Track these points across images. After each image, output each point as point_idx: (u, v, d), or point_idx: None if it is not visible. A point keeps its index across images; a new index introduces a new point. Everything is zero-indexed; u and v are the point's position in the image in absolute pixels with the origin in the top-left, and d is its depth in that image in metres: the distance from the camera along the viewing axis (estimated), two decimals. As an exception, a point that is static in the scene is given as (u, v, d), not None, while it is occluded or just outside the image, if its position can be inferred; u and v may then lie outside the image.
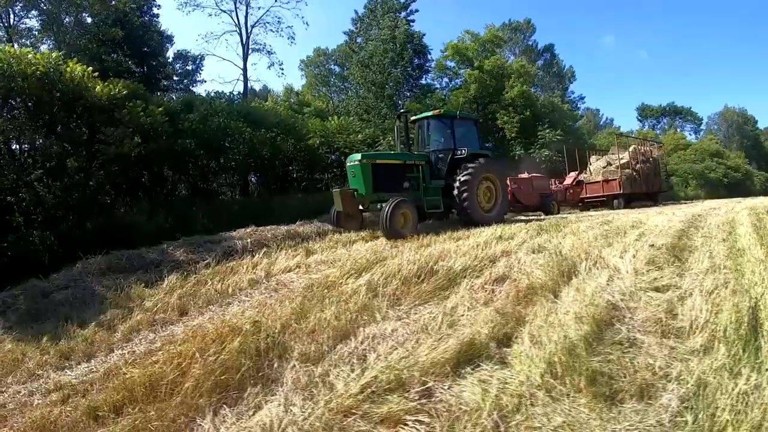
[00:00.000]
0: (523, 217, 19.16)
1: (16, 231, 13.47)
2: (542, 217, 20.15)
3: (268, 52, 41.73)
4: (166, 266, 10.44)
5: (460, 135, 15.33)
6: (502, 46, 49.55)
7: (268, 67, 67.70)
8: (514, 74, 39.07)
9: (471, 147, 15.12)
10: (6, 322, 8.48)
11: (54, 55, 15.08)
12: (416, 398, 3.99)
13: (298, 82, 71.23)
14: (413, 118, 16.36)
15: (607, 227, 11.80)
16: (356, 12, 47.20)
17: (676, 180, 48.85)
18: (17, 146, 14.99)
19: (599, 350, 4.57)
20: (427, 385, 4.15)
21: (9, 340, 7.60)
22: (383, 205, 12.53)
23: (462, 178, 14.08)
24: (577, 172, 28.71)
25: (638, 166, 28.88)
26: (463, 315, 5.86)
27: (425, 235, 11.49)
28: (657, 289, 6.22)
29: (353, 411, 3.88)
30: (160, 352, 5.61)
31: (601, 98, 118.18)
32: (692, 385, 3.84)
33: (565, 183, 27.56)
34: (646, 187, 29.21)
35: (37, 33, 28.22)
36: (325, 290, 7.36)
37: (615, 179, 27.56)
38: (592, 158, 31.37)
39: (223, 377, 4.61)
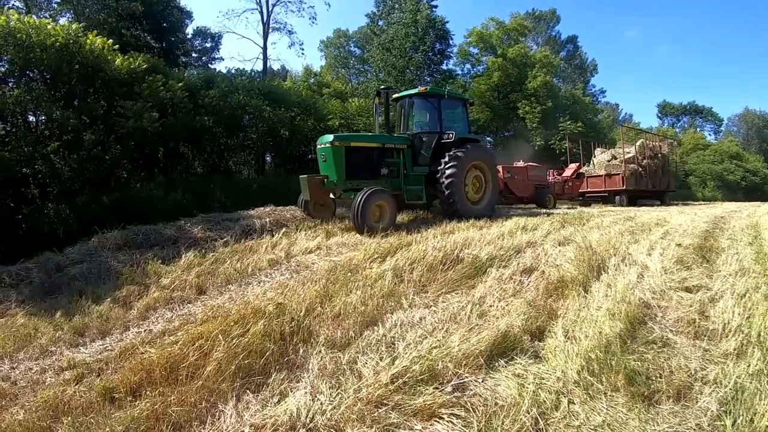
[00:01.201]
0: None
1: (32, 203, 13.40)
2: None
3: (289, 31, 42.00)
4: (184, 243, 10.27)
5: (447, 117, 13.87)
6: (526, 35, 49.03)
7: (289, 46, 67.91)
8: (538, 64, 38.71)
9: (460, 130, 13.68)
10: (19, 296, 8.32)
11: (74, 26, 14.97)
12: (450, 391, 3.84)
13: (317, 62, 71.07)
14: (395, 96, 14.69)
15: (631, 223, 11.79)
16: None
17: (694, 180, 48.27)
18: (33, 118, 14.89)
19: (634, 348, 4.52)
20: (461, 378, 4.00)
21: (21, 314, 7.42)
22: (357, 194, 11.15)
23: (448, 166, 12.51)
24: (577, 164, 26.67)
25: (645, 162, 27.19)
26: (492, 306, 5.74)
27: (447, 222, 11.29)
28: (687, 290, 6.20)
29: (384, 401, 3.73)
30: (180, 333, 5.44)
31: (621, 93, 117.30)
32: (730, 389, 3.80)
33: (564, 175, 25.40)
34: (653, 185, 27.57)
35: (56, 5, 28.19)
36: (349, 274, 7.18)
37: (618, 174, 25.98)
38: (597, 150, 29.67)
39: (246, 361, 4.44)
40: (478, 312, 5.48)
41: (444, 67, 40.42)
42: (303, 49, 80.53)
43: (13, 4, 26.32)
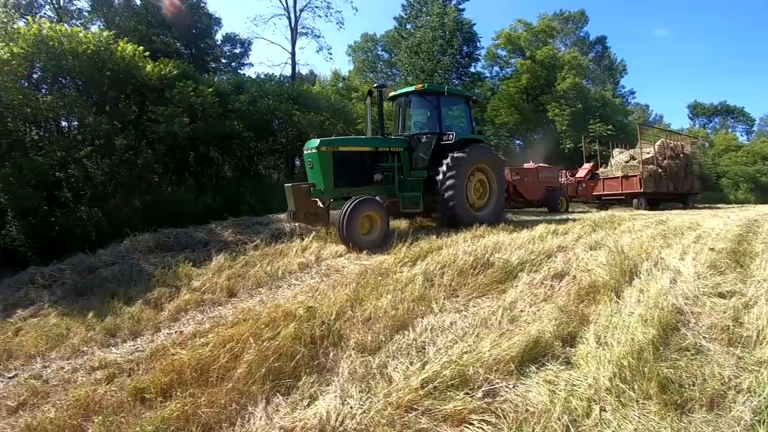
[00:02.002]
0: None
1: (65, 206, 13.63)
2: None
3: (317, 36, 41.85)
4: (214, 246, 10.41)
5: (448, 116, 13.01)
6: (555, 36, 48.69)
7: (317, 51, 68.16)
8: (567, 65, 38.39)
9: (461, 130, 12.82)
10: (52, 296, 8.52)
11: (105, 34, 15.22)
12: (481, 396, 3.82)
13: (345, 67, 71.35)
14: (392, 94, 13.87)
15: (663, 227, 11.67)
16: (407, -2, 46.76)
17: (726, 182, 47.22)
18: (66, 123, 15.17)
19: (666, 355, 4.45)
20: (491, 384, 3.97)
21: (54, 314, 7.60)
22: (344, 204, 10.32)
23: (447, 170, 11.54)
24: (592, 164, 25.13)
25: (665, 162, 25.56)
26: (523, 311, 5.70)
27: (477, 227, 11.04)
28: (721, 295, 6.06)
29: (414, 406, 3.72)
30: (210, 335, 5.49)
31: (651, 94, 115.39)
32: (764, 398, 3.72)
33: (577, 176, 23.90)
34: (674, 187, 25.86)
35: (86, 14, 28.76)
36: (379, 277, 7.19)
37: (635, 176, 24.25)
38: (615, 151, 28.06)
39: (276, 364, 4.47)
40: (509, 317, 5.45)
41: (472, 69, 40.39)
42: (331, 54, 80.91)
43: (45, 14, 26.94)
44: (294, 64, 37.74)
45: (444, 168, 11.55)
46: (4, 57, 12.41)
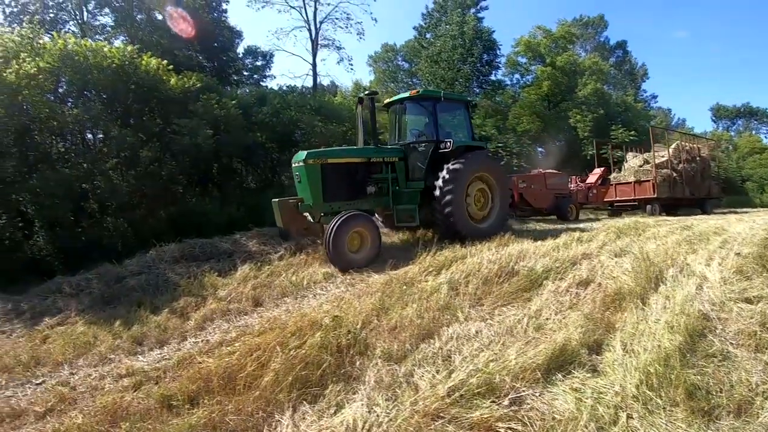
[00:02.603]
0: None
1: (91, 217, 13.85)
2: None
3: (337, 47, 42.30)
4: (239, 256, 10.50)
5: (445, 122, 12.35)
6: (575, 42, 48.50)
7: (338, 62, 68.74)
8: (587, 71, 38.22)
9: (461, 137, 12.41)
10: (79, 305, 8.67)
11: (129, 48, 15.50)
12: (507, 404, 3.80)
13: (366, 77, 71.66)
14: (387, 101, 13.22)
15: (688, 233, 11.57)
16: (426, 7, 47.00)
17: (751, 186, 46.38)
18: (91, 136, 15.41)
19: (693, 362, 4.42)
20: (518, 391, 3.96)
21: (81, 322, 7.74)
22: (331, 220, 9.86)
23: (444, 180, 10.92)
24: (602, 169, 24.45)
25: (681, 166, 24.26)
26: (549, 319, 5.69)
27: (501, 235, 11.00)
28: (748, 300, 6.00)
29: (441, 414, 3.71)
30: (237, 343, 5.54)
31: (673, 97, 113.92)
32: None
33: (587, 182, 23.24)
34: (691, 192, 24.55)
35: (110, 29, 29.29)
36: (404, 287, 7.21)
37: (648, 180, 23.15)
38: (629, 155, 26.68)
39: (303, 372, 4.48)
40: (535, 325, 5.44)
41: (493, 77, 40.40)
42: (352, 64, 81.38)
43: (69, 29, 27.46)
44: (315, 75, 38.14)
45: (441, 179, 11.00)
46: (31, 71, 12.65)
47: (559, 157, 32.36)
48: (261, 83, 34.91)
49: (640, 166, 24.43)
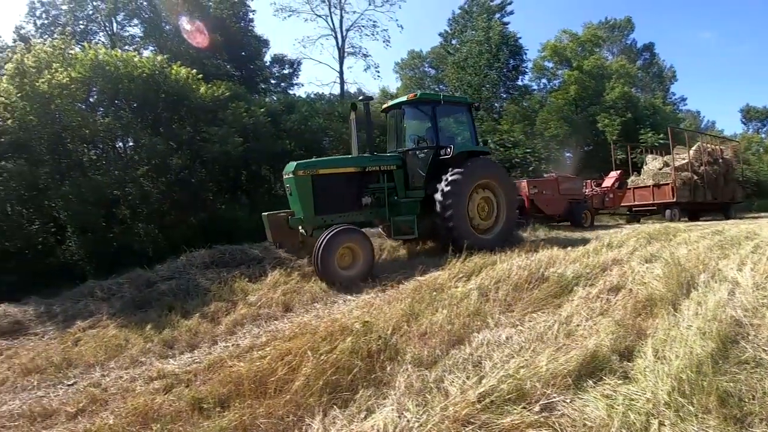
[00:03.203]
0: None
1: (123, 223, 14.11)
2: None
3: (364, 55, 42.59)
4: (269, 262, 10.57)
5: (448, 127, 11.98)
6: (601, 45, 48.12)
7: (365, 69, 69.20)
8: (615, 74, 37.88)
9: (464, 142, 11.87)
10: (110, 309, 8.83)
11: (159, 58, 15.86)
12: (538, 411, 3.75)
13: (393, 84, 71.90)
14: (384, 106, 12.74)
15: (719, 237, 11.44)
16: (452, 13, 47.04)
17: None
18: (122, 144, 15.71)
19: (726, 369, 4.31)
20: (549, 398, 3.91)
21: (113, 325, 7.86)
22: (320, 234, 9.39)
23: (444, 189, 10.39)
24: (619, 172, 22.88)
25: (702, 168, 23.16)
26: (579, 325, 5.61)
27: (530, 241, 10.93)
28: None
29: (471, 420, 3.66)
30: (268, 348, 5.57)
31: (702, 100, 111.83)
32: None
33: (603, 185, 21.69)
34: (713, 196, 23.46)
35: (139, 40, 29.84)
36: (434, 293, 7.20)
37: (667, 184, 22.18)
38: (648, 157, 25.86)
39: (334, 377, 4.50)
40: (565, 331, 5.38)
41: (520, 82, 40.29)
42: (378, 72, 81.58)
43: (99, 40, 28.03)
44: (342, 82, 38.53)
45: (440, 191, 10.44)
46: (63, 81, 12.95)
47: (587, 162, 32.06)
48: (288, 91, 35.32)
49: (660, 169, 23.63)
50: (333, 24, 38.70)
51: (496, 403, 3.83)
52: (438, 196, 10.42)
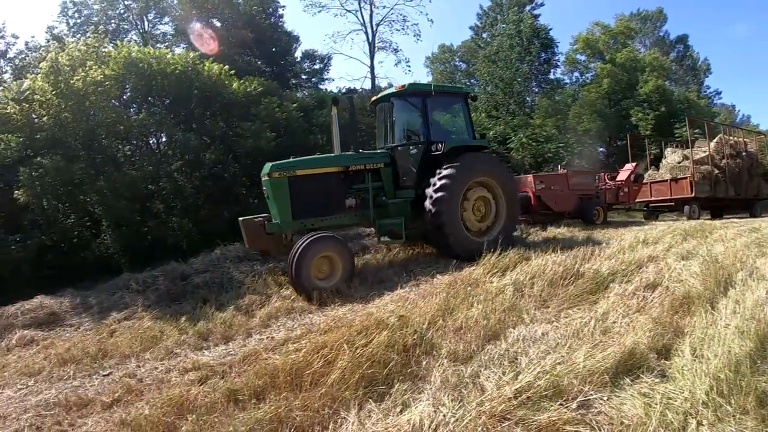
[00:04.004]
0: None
1: (157, 217, 14.31)
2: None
3: (395, 49, 42.55)
4: (303, 256, 10.55)
5: (440, 120, 11.06)
6: (634, 37, 47.34)
7: (395, 64, 68.90)
8: (648, 67, 37.22)
9: (458, 136, 10.98)
10: (145, 301, 8.97)
11: (191, 55, 16.00)
12: (575, 408, 3.73)
13: (424, 78, 71.65)
14: (374, 99, 11.82)
15: (756, 235, 11.21)
16: (481, 7, 46.71)
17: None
18: (155, 140, 15.97)
19: (764, 369, 4.23)
20: (585, 395, 3.89)
21: (148, 317, 8.00)
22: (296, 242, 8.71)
23: (435, 188, 9.53)
24: (635, 164, 20.62)
25: (723, 162, 21.14)
26: (615, 322, 5.57)
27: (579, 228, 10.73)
28: None
29: (508, 416, 3.66)
30: (303, 341, 5.59)
31: (737, 93, 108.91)
32: None
33: (618, 179, 19.57)
34: (735, 191, 21.44)
35: (170, 37, 30.19)
36: (469, 288, 7.18)
37: (685, 178, 20.33)
38: (668, 150, 23.88)
39: (369, 371, 4.52)
40: (602, 328, 5.35)
41: (551, 76, 39.89)
42: (409, 66, 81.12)
43: (131, 38, 28.49)
44: (373, 77, 38.53)
45: (432, 186, 9.60)
46: (97, 78, 13.15)
47: (620, 157, 31.52)
48: (319, 86, 35.40)
49: (679, 162, 21.76)
50: (363, 19, 38.76)
51: (532, 399, 3.82)
52: (429, 191, 9.60)
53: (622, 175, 19.64)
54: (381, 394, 4.29)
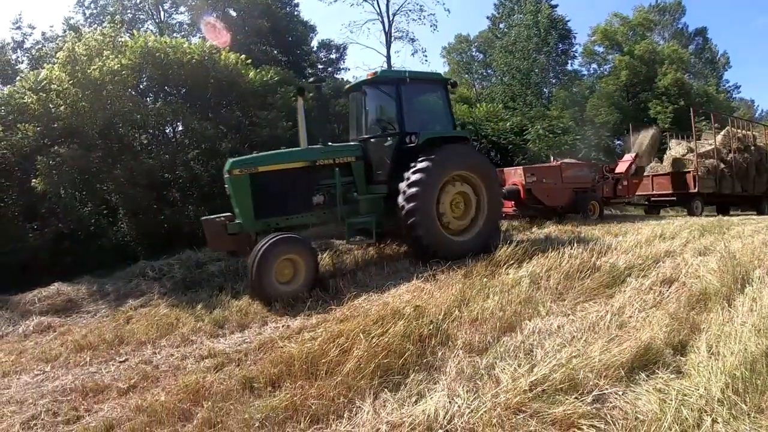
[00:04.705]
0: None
1: (173, 205, 14.40)
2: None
3: (411, 39, 42.19)
4: (319, 245, 10.49)
5: (414, 109, 9.84)
6: (652, 29, 46.86)
7: (412, 54, 68.61)
8: (667, 60, 36.84)
9: (437, 126, 10.13)
10: (161, 288, 9.12)
11: (208, 44, 16.04)
12: (590, 402, 3.73)
13: (440, 69, 71.43)
14: (347, 87, 11.30)
15: (774, 231, 10.92)
16: (499, -3, 46.28)
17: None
18: (171, 129, 16.05)
19: (780, 368, 4.16)
20: (601, 389, 3.89)
21: (164, 305, 8.10)
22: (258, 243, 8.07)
23: (408, 183, 8.75)
24: (634, 155, 18.79)
25: (730, 156, 19.89)
26: (632, 317, 5.55)
27: (576, 223, 10.65)
28: None
29: (522, 408, 3.67)
30: (319, 329, 5.63)
31: (757, 87, 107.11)
32: None
33: (616, 171, 17.98)
34: (742, 187, 20.21)
35: (186, 27, 30.31)
36: (485, 279, 7.16)
37: (689, 172, 19.06)
38: (672, 142, 22.60)
39: (385, 360, 4.53)
40: (618, 322, 5.32)
41: (569, 67, 39.64)
42: (426, 56, 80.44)
43: (147, 28, 28.59)
44: (390, 67, 38.27)
45: (404, 183, 8.83)
46: (114, 67, 13.20)
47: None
48: (336, 76, 35.35)
49: (683, 155, 20.52)
50: (379, 8, 38.49)
51: (547, 392, 3.83)
52: (403, 186, 8.83)
53: (621, 167, 18.25)
54: (396, 384, 4.31)
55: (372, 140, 9.93)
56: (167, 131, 16.04)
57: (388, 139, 9.66)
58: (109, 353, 6.24)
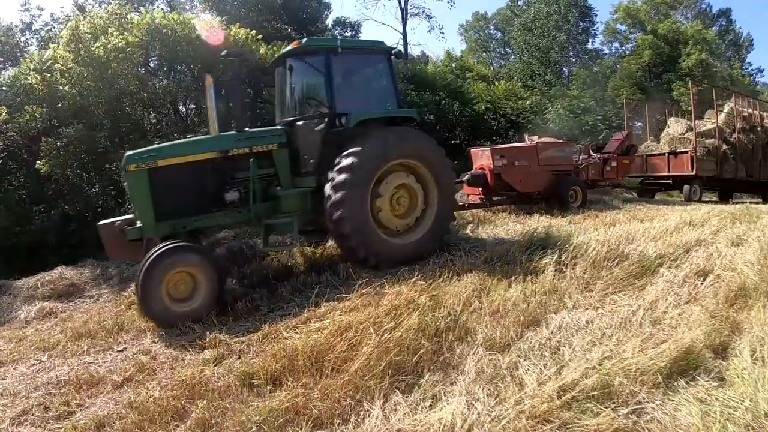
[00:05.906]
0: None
1: (183, 187, 14.16)
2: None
3: (428, 16, 41.52)
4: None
5: (348, 85, 8.44)
6: (676, 8, 45.93)
7: (428, 31, 68.07)
8: (691, 40, 36.01)
9: (377, 105, 8.63)
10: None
11: (217, 20, 15.62)
12: (626, 413, 3.37)
13: (457, 47, 70.64)
14: (272, 60, 9.83)
15: (811, 219, 10.32)
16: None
17: None
18: (182, 107, 15.86)
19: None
20: (637, 398, 3.51)
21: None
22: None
23: (336, 175, 7.24)
24: (626, 133, 16.88)
25: (734, 137, 17.79)
26: (666, 312, 5.08)
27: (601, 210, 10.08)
28: None
29: (550, 419, 3.33)
30: (327, 320, 5.27)
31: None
32: None
33: (605, 151, 15.71)
34: (747, 172, 18.13)
35: (198, 3, 29.93)
36: (506, 266, 6.72)
37: (686, 152, 16.88)
38: (671, 119, 19.91)
39: (397, 358, 4.23)
40: (651, 319, 4.89)
41: (590, 46, 39.08)
42: (443, 33, 79.41)
43: (158, 5, 28.27)
44: (406, 44, 37.87)
45: (332, 175, 7.32)
46: (119, 45, 12.93)
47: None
48: (351, 53, 35.03)
49: (682, 134, 18.16)
50: (395, -17, 38.01)
51: (578, 399, 3.50)
52: (327, 189, 7.33)
53: (611, 146, 16.01)
54: (409, 385, 4.02)
55: (299, 124, 8.27)
56: (181, 110, 15.74)
57: (318, 122, 8.04)
58: (107, 342, 6.14)
